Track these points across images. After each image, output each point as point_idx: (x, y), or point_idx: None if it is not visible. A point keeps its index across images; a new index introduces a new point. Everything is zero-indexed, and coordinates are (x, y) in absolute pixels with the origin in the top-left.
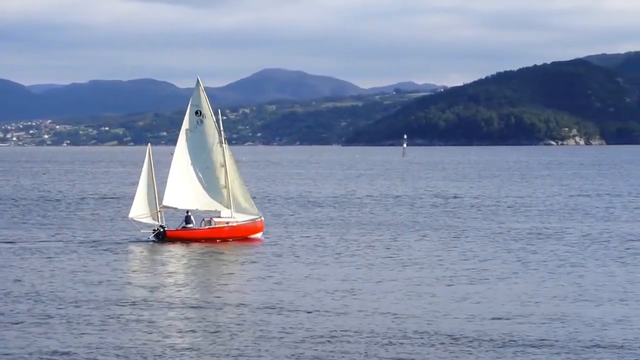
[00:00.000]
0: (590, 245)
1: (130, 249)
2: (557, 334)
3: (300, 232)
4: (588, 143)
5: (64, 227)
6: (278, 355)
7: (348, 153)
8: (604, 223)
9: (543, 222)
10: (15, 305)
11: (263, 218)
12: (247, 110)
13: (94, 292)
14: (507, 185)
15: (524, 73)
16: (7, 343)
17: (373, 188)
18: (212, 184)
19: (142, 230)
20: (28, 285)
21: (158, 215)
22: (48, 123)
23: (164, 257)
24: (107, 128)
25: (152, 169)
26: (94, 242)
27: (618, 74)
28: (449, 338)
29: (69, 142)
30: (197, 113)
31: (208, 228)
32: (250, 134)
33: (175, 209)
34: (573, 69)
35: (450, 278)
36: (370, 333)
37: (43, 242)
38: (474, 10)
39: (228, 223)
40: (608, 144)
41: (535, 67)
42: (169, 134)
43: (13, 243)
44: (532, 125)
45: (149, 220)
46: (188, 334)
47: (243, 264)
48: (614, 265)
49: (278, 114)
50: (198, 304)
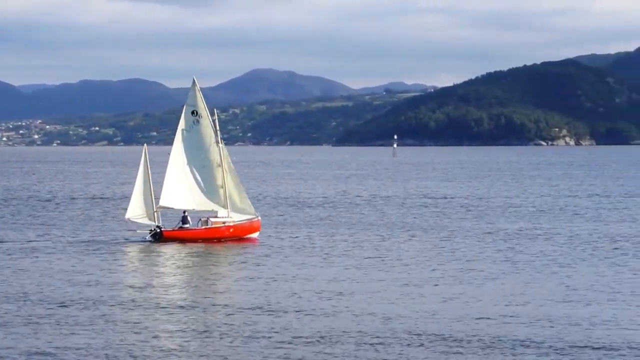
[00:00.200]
0: (579, 246)
1: (126, 250)
2: (545, 334)
3: (290, 232)
4: (578, 143)
5: (54, 227)
6: (267, 356)
7: (338, 153)
8: (593, 223)
9: (532, 222)
10: (3, 306)
11: (260, 218)
12: (237, 111)
13: (86, 292)
14: (496, 186)
15: (514, 73)
16: None
17: (363, 188)
18: (208, 184)
19: (138, 231)
20: (17, 286)
21: (155, 216)
22: (38, 123)
23: (159, 257)
24: (97, 128)
25: (148, 169)
26: (87, 242)
27: (608, 74)
28: (438, 338)
29: (59, 142)
30: (193, 113)
31: (205, 228)
32: (241, 134)
33: (172, 209)
34: (563, 69)
35: (439, 278)
36: (360, 333)
37: (33, 241)
38: (465, 11)
39: (225, 223)
40: (598, 144)
41: (525, 67)
42: (159, 134)
43: (2, 242)
44: (522, 126)
45: (146, 221)
46: (177, 335)
47: (236, 265)
48: (603, 266)
49: (268, 114)
50: (189, 305)
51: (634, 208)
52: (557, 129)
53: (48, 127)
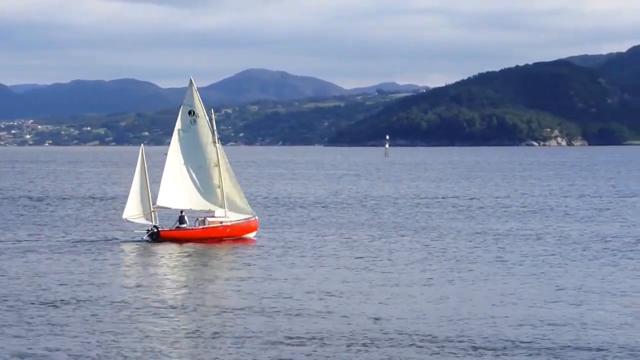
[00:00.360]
0: (570, 246)
1: (122, 249)
2: (535, 335)
3: (283, 232)
4: (570, 144)
5: (47, 226)
6: (257, 357)
7: (330, 153)
8: (584, 224)
9: (523, 222)
10: None
11: (257, 217)
12: (229, 111)
13: (80, 292)
14: (487, 186)
15: (506, 74)
16: None
17: (355, 189)
18: (205, 184)
19: (135, 231)
20: (7, 286)
21: (152, 216)
22: (30, 123)
23: (155, 257)
24: (89, 128)
25: (145, 169)
26: (82, 242)
27: (600, 75)
28: (429, 338)
29: (51, 142)
30: (190, 113)
31: (202, 228)
32: (233, 134)
33: (169, 209)
34: (555, 70)
35: (430, 279)
36: (351, 334)
37: (25, 241)
38: (456, 11)
39: (222, 223)
40: (590, 145)
41: (518, 67)
42: (151, 134)
43: None
44: (514, 126)
45: (143, 221)
46: (168, 335)
47: (230, 265)
48: (593, 266)
49: (261, 114)
50: (181, 305)
51: (625, 208)
52: (549, 130)
53: (40, 127)
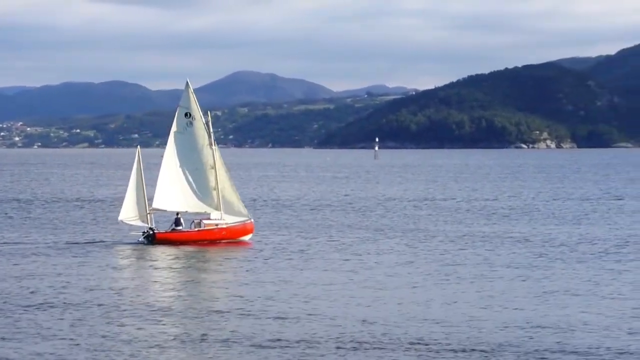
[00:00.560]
0: (557, 248)
1: (116, 251)
2: (522, 337)
3: (271, 235)
4: (559, 146)
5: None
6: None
7: (320, 156)
8: (571, 226)
9: (510, 225)
10: None
11: (252, 220)
12: (219, 113)
13: (68, 295)
14: (477, 188)
15: (495, 76)
16: None
17: (344, 191)
18: (201, 186)
19: (131, 232)
20: None
21: (147, 218)
22: (19, 125)
23: (148, 259)
24: (78, 130)
25: (141, 171)
26: (71, 244)
27: (589, 78)
28: (416, 341)
29: (40, 144)
30: (186, 115)
31: (197, 230)
32: (222, 137)
33: (165, 211)
34: (544, 72)
35: (418, 281)
36: (338, 337)
37: (14, 244)
38: (445, 13)
39: (217, 225)
40: (579, 147)
41: (507, 70)
42: (141, 136)
43: None
44: (503, 129)
45: (139, 223)
46: (156, 339)
47: (223, 268)
48: (581, 269)
49: (250, 117)
50: (170, 308)
51: (612, 211)
52: (538, 132)
53: (29, 129)
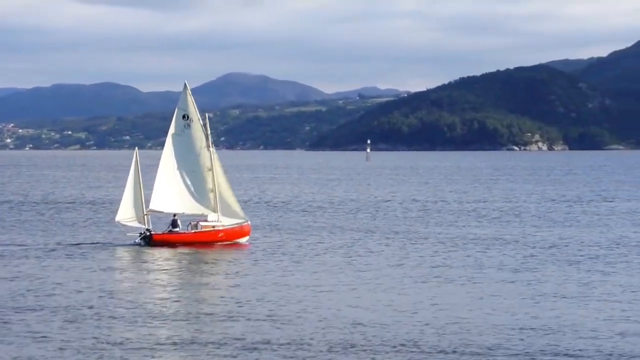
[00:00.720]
0: (548, 250)
1: (112, 253)
2: (513, 339)
3: (263, 237)
4: (551, 148)
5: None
6: None
7: (312, 158)
8: (562, 228)
9: (502, 227)
10: None
11: (249, 222)
12: (210, 115)
13: (67, 296)
14: (468, 190)
15: (487, 78)
16: None
17: (335, 193)
18: (198, 188)
19: (128, 234)
20: None
21: (145, 219)
22: (10, 127)
23: (141, 261)
24: (69, 132)
25: (139, 172)
26: (73, 245)
27: (581, 80)
28: (407, 343)
29: (32, 146)
30: (184, 117)
31: (194, 232)
32: (214, 139)
33: (162, 213)
34: (536, 75)
35: (409, 283)
36: (330, 339)
37: (4, 246)
38: (437, 15)
39: (214, 227)
40: (571, 150)
41: (498, 72)
42: (132, 138)
43: None
44: (495, 131)
45: (136, 224)
46: (147, 342)
47: (217, 270)
48: (572, 271)
49: (242, 119)
50: (161, 311)
51: (603, 213)
52: (529, 134)
53: (21, 131)
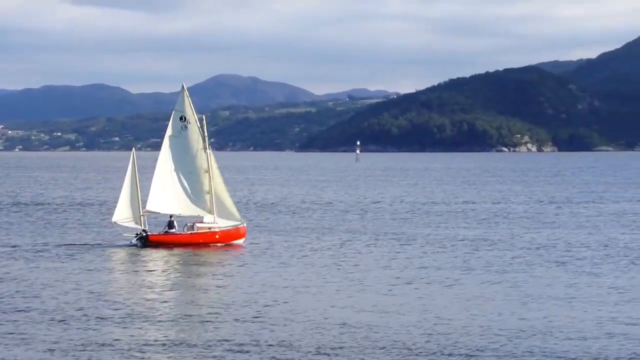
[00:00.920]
0: (536, 252)
1: (107, 253)
2: (501, 341)
3: (251, 238)
4: (540, 150)
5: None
6: None
7: (301, 159)
8: (551, 230)
9: (490, 228)
10: None
11: (245, 224)
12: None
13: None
14: (457, 192)
15: (477, 80)
16: None
17: (324, 194)
18: (195, 190)
19: (125, 234)
20: None
21: (141, 220)
22: (0, 128)
23: (138, 262)
24: (59, 133)
25: (136, 173)
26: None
27: (570, 81)
28: (396, 344)
29: (21, 147)
30: (181, 119)
31: (190, 233)
32: None
33: (159, 214)
34: (525, 76)
35: (398, 285)
36: (319, 340)
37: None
38: (427, 17)
39: (210, 228)
40: (560, 151)
41: (488, 73)
42: (122, 140)
43: None
44: (484, 132)
45: (132, 224)
46: (137, 342)
47: (210, 271)
48: (560, 272)
49: (231, 120)
50: (151, 313)
51: (592, 214)
52: (519, 136)
53: (10, 132)
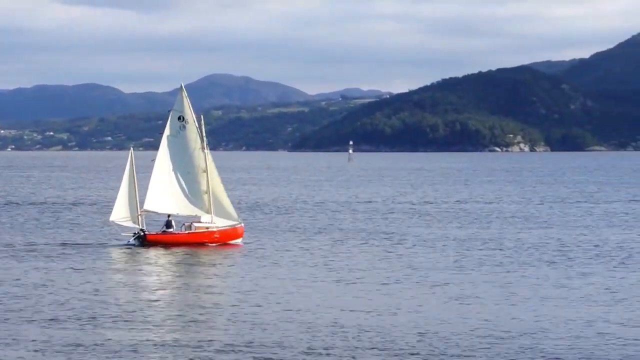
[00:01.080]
0: (527, 251)
1: (105, 252)
2: (493, 341)
3: (245, 238)
4: (533, 150)
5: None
6: None
7: (294, 159)
8: (542, 229)
9: (482, 228)
10: None
11: (243, 224)
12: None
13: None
14: (449, 191)
15: (469, 80)
16: None
17: (316, 194)
18: (193, 189)
19: (122, 233)
20: None
21: (139, 219)
22: None
23: (136, 261)
24: (51, 133)
25: (133, 173)
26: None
27: (563, 81)
28: (388, 344)
29: (14, 147)
30: (179, 119)
31: (188, 233)
32: None
33: (156, 213)
34: (518, 76)
35: (389, 285)
36: (311, 340)
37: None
38: (419, 17)
39: (208, 228)
40: (553, 151)
41: (481, 73)
42: (114, 139)
43: None
44: (477, 132)
45: (130, 224)
46: (130, 342)
47: (206, 271)
48: (551, 272)
49: (224, 120)
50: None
51: (584, 214)
52: (511, 136)
53: (2, 131)
